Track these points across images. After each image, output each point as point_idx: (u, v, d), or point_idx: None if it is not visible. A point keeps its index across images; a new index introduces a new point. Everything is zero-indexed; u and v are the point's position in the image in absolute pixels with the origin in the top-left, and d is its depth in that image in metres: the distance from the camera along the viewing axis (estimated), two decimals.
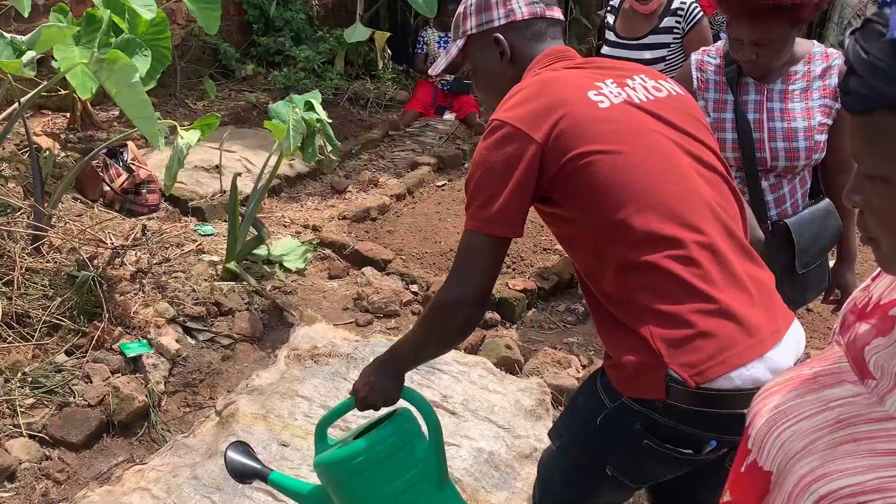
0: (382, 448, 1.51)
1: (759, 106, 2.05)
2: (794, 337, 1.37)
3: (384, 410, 1.60)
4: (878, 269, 0.83)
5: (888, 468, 0.68)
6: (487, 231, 1.34)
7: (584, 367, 3.12)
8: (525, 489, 2.40)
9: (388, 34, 6.41)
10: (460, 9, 1.57)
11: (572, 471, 1.50)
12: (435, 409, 2.58)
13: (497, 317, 3.41)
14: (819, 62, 2.01)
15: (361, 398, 1.57)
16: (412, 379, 2.87)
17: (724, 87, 2.09)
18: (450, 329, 1.41)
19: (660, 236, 1.30)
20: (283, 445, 2.46)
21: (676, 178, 1.35)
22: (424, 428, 1.57)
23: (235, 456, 1.78)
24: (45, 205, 3.07)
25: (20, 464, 2.25)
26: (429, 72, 1.81)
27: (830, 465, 0.71)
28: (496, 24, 1.50)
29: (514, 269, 3.78)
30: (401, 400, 1.58)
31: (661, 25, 3.25)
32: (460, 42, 1.55)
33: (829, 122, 2.01)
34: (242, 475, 1.77)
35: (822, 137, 2.02)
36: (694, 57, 2.17)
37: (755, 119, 2.04)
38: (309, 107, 3.22)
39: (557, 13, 1.55)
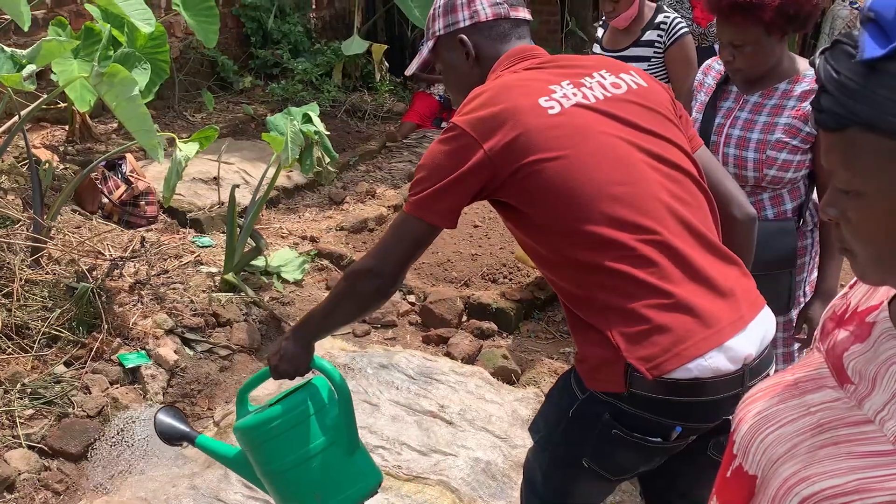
0: (294, 414, 1.59)
1: (728, 113, 2.11)
2: (761, 324, 1.41)
3: (302, 380, 1.68)
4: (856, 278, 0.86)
5: (867, 469, 0.70)
6: (421, 216, 1.41)
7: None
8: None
9: (386, 46, 6.46)
10: (431, 10, 1.65)
11: (552, 465, 1.53)
12: (432, 419, 2.60)
13: (494, 327, 3.43)
14: (805, 84, 2.01)
15: (273, 367, 1.63)
16: (410, 389, 2.89)
17: (711, 92, 2.16)
18: (360, 294, 1.48)
19: (610, 239, 1.35)
20: None
21: (627, 177, 1.38)
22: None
23: (165, 419, 1.82)
24: (45, 217, 3.09)
25: (19, 474, 2.26)
26: (405, 72, 1.88)
27: (812, 468, 0.73)
28: (461, 24, 1.56)
29: (510, 280, 3.81)
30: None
31: (643, 38, 3.29)
32: (430, 43, 1.63)
33: (793, 142, 2.00)
34: (171, 438, 1.82)
35: (781, 155, 2.00)
36: (706, 63, 2.27)
37: (719, 123, 2.11)
38: (307, 119, 3.25)
39: (523, 13, 1.60)
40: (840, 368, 0.79)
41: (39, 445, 2.36)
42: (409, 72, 1.78)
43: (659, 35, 3.27)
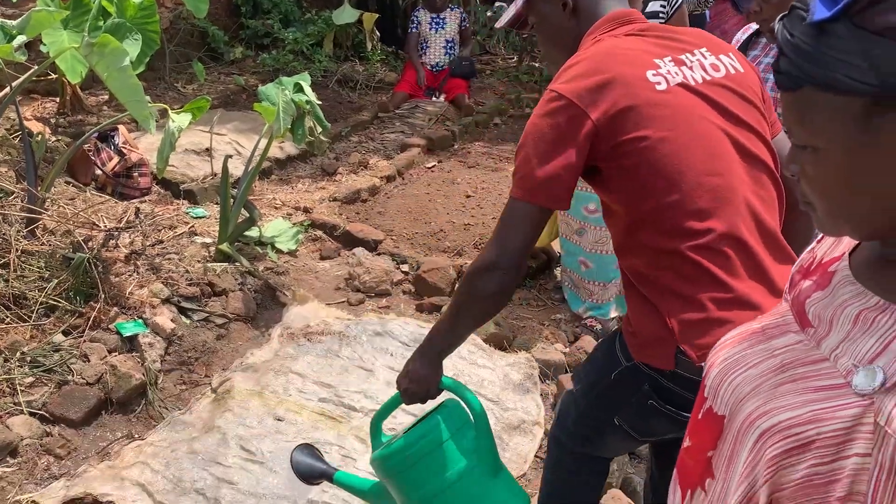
0: (429, 440, 1.52)
1: (754, 59, 2.22)
2: None
3: (435, 403, 1.61)
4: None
5: (820, 402, 0.75)
6: (530, 199, 1.36)
7: (570, 343, 3.19)
8: (514, 459, 2.48)
9: (377, 16, 6.43)
10: None
11: (585, 413, 1.61)
12: None
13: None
14: None
15: (403, 390, 1.58)
16: (404, 356, 2.94)
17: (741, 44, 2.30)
18: (483, 295, 1.41)
19: (691, 229, 1.36)
20: (279, 420, 2.53)
21: (718, 169, 1.38)
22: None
23: (302, 458, 1.81)
24: (39, 188, 3.11)
25: (22, 440, 2.30)
26: (495, 25, 1.79)
27: (772, 403, 0.78)
28: None
29: None
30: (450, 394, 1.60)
31: (647, 10, 3.30)
32: None
33: None
34: (309, 476, 1.80)
35: None
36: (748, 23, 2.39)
37: None
38: (298, 89, 3.26)
39: None
40: (802, 314, 0.84)
41: (40, 412, 2.41)
42: (499, 25, 1.66)
43: (662, 6, 3.28)
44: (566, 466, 1.74)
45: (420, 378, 1.56)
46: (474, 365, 2.91)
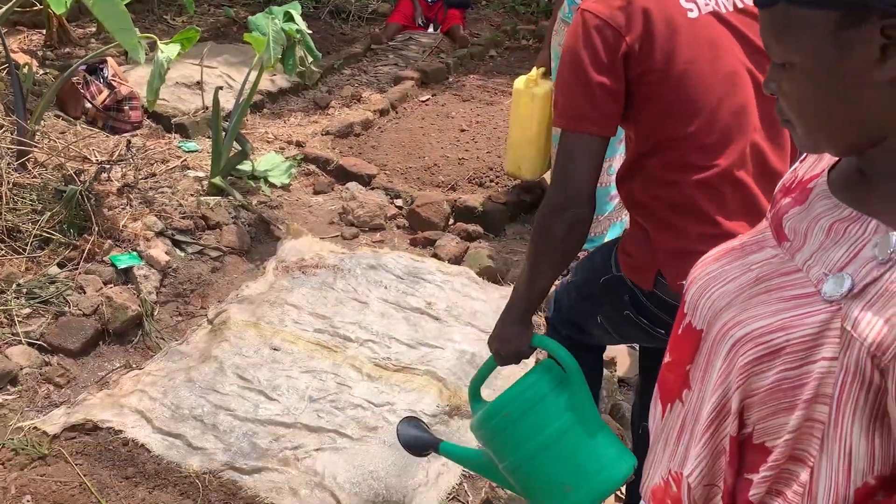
0: (525, 399, 1.49)
1: None
2: None
3: (529, 363, 1.62)
4: (805, 153, 0.92)
5: (791, 310, 0.77)
6: (580, 129, 1.34)
7: (563, 276, 3.21)
8: (504, 386, 2.53)
9: None
10: None
11: (575, 304, 1.72)
12: (419, 315, 2.64)
13: (480, 229, 3.48)
14: None
15: (495, 351, 1.58)
16: (398, 288, 2.97)
17: None
18: (558, 236, 1.38)
19: (694, 163, 1.37)
20: (275, 350, 2.57)
21: (733, 107, 1.38)
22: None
23: (408, 431, 1.83)
24: (28, 121, 3.07)
25: (21, 369, 2.34)
26: None
27: (745, 314, 0.81)
28: None
29: (496, 183, 3.84)
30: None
31: None
32: None
33: None
34: (416, 447, 1.82)
35: None
36: None
37: None
38: (288, 18, 3.20)
39: None
40: (779, 228, 0.86)
41: (38, 342, 2.44)
42: None
43: None
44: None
45: (509, 338, 1.54)
46: (468, 297, 2.94)
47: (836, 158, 0.85)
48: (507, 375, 2.24)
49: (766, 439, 0.80)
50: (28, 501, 1.96)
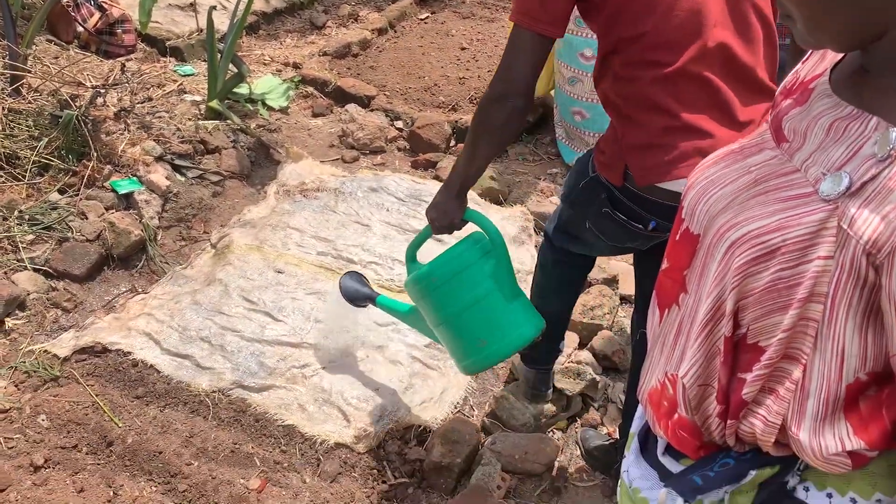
0: (454, 265, 1.68)
1: None
2: None
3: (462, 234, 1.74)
4: (808, 53, 0.90)
5: (788, 210, 0.77)
6: (529, 26, 1.41)
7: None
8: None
9: None
10: None
11: (568, 215, 1.81)
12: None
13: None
14: None
15: (431, 221, 1.72)
16: (400, 210, 2.96)
17: None
18: (495, 124, 1.50)
19: (653, 60, 1.42)
20: (279, 272, 2.58)
21: (689, 7, 1.40)
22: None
23: (349, 283, 2.09)
24: (19, 46, 3.01)
25: (28, 294, 2.36)
26: None
27: (742, 215, 0.80)
28: None
29: None
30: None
31: None
32: None
33: None
34: (355, 299, 2.08)
35: None
36: None
37: None
38: None
39: None
40: (779, 129, 0.85)
41: (44, 268, 2.45)
42: None
43: None
44: (554, 260, 1.92)
45: (446, 210, 1.68)
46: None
47: (839, 58, 0.83)
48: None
49: (760, 339, 0.81)
50: (43, 420, 2.01)
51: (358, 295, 2.09)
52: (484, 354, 1.70)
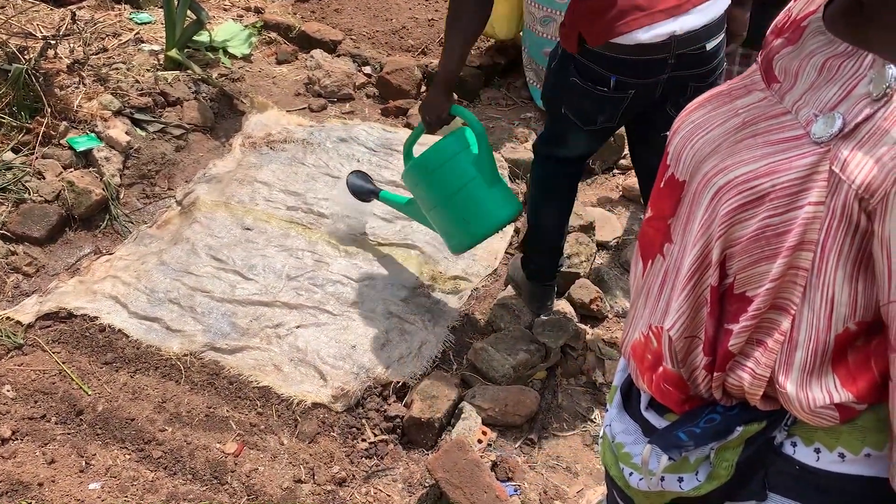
0: (442, 154, 1.99)
1: None
2: (702, 11, 1.71)
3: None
4: None
5: (778, 154, 0.73)
6: None
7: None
8: (485, 256, 2.52)
9: None
10: None
11: (549, 115, 2.02)
12: (395, 188, 2.71)
13: (454, 96, 3.35)
14: None
15: (422, 117, 2.01)
16: (371, 161, 2.88)
17: None
18: (467, 9, 1.79)
19: None
20: (247, 229, 2.51)
21: None
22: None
23: (355, 180, 2.42)
24: None
25: None
26: None
27: (729, 160, 0.76)
28: None
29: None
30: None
31: None
32: None
33: None
34: (360, 193, 2.40)
35: None
36: None
37: None
38: None
39: None
40: (769, 69, 0.80)
41: (1, 231, 2.36)
42: None
43: None
44: (544, 174, 2.11)
45: (433, 105, 1.98)
46: None
47: None
48: None
49: (747, 289, 0.78)
50: (8, 391, 1.95)
51: (363, 190, 2.38)
52: (470, 233, 2.03)
